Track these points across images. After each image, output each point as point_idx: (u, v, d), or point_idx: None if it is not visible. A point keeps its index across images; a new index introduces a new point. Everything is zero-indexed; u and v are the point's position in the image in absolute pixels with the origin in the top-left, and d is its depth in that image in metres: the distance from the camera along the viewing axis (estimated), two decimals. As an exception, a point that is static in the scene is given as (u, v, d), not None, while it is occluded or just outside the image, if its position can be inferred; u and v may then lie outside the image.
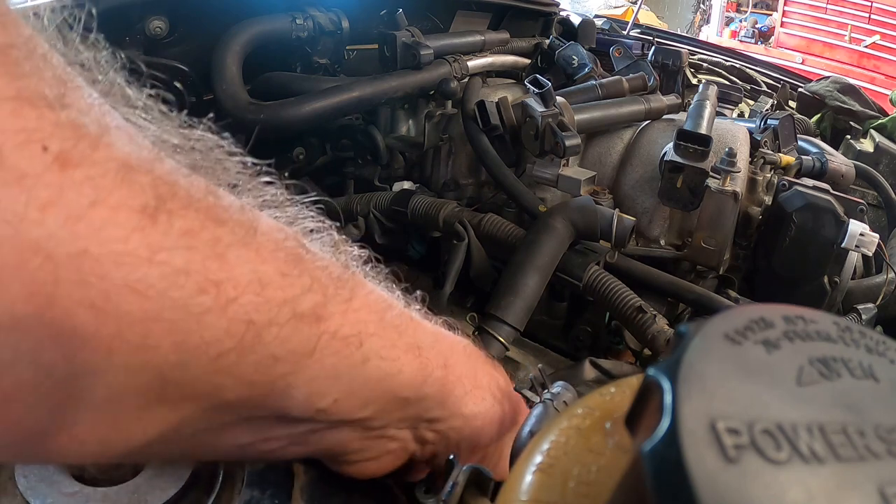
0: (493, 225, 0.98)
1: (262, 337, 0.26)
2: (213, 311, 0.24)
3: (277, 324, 0.26)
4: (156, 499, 0.31)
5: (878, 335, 0.21)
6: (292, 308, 0.27)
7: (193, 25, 0.94)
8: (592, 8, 5.24)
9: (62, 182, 0.21)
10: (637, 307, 0.85)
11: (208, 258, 0.24)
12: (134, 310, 0.23)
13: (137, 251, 0.23)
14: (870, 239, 0.87)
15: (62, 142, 0.22)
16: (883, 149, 1.62)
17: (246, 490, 0.34)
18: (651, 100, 1.11)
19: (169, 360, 0.24)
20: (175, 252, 0.23)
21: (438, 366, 0.35)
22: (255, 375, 0.26)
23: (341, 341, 0.29)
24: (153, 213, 0.23)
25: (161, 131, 0.27)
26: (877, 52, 6.10)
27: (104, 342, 0.22)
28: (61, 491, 0.31)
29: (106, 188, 0.22)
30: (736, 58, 2.36)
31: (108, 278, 0.22)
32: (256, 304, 0.25)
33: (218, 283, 0.24)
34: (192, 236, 0.24)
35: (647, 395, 0.18)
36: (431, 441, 0.39)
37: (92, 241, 0.22)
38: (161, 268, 0.23)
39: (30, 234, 0.21)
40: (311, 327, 0.28)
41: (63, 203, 0.21)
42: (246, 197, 0.29)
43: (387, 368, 0.32)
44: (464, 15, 1.39)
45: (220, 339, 0.25)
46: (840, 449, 0.16)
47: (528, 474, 0.24)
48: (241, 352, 0.25)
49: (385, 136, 1.15)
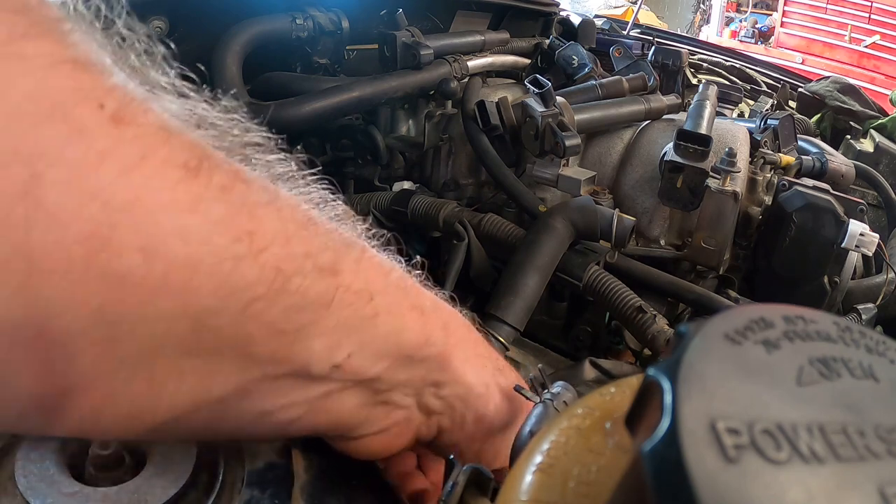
0: (493, 225, 0.98)
1: (289, 286, 0.27)
2: (248, 258, 0.26)
3: (301, 273, 0.28)
4: (156, 499, 0.31)
5: (878, 335, 0.21)
6: (313, 261, 0.29)
7: (193, 25, 0.94)
8: (592, 8, 5.24)
9: (117, 136, 0.23)
10: (637, 307, 0.85)
11: (241, 212, 0.26)
12: (179, 254, 0.24)
13: (182, 200, 0.24)
14: (870, 239, 0.87)
15: (115, 101, 0.24)
16: (883, 149, 1.62)
17: (246, 490, 0.34)
18: (651, 100, 1.11)
19: (206, 305, 0.25)
20: (214, 203, 0.25)
21: (439, 328, 0.37)
22: (282, 323, 0.28)
23: (354, 294, 0.31)
24: (195, 168, 0.25)
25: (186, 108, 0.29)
26: (877, 52, 6.11)
27: (151, 285, 0.24)
28: (61, 491, 0.31)
29: (153, 145, 0.24)
30: (736, 58, 2.36)
31: (157, 224, 0.24)
32: (284, 255, 0.27)
33: (251, 233, 0.26)
34: (227, 191, 0.26)
35: (647, 395, 0.18)
36: (436, 410, 0.39)
37: (143, 190, 0.23)
38: (202, 216, 0.25)
39: (89, 181, 0.22)
40: (329, 280, 0.29)
41: (118, 155, 0.23)
42: (260, 170, 0.31)
43: (393, 324, 0.33)
44: (464, 15, 1.39)
45: (252, 285, 0.26)
46: (840, 449, 0.16)
47: (528, 474, 0.24)
48: (269, 299, 0.27)
49: (385, 136, 1.15)
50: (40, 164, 0.22)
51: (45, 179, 0.22)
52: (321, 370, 0.31)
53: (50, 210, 0.22)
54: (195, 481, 0.33)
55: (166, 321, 0.25)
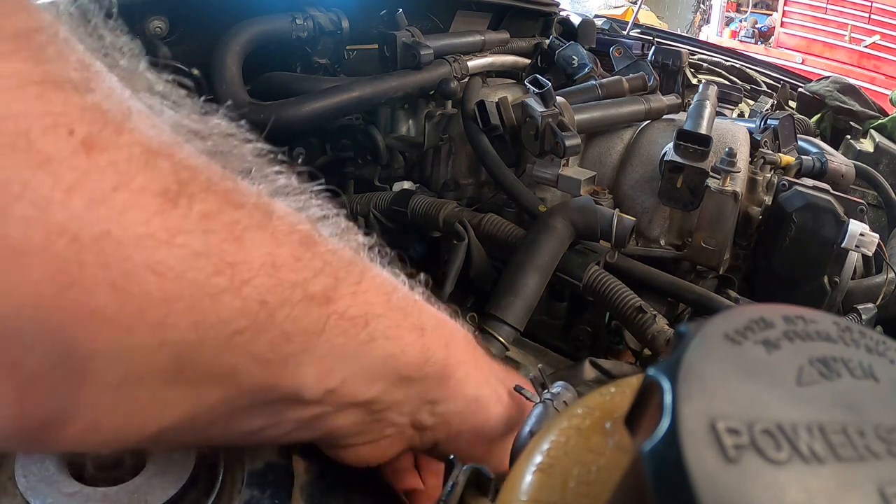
0: (493, 225, 0.98)
1: (275, 316, 0.27)
2: (229, 291, 0.25)
3: (290, 304, 0.27)
4: (156, 499, 0.31)
5: (878, 335, 0.21)
6: (304, 290, 0.28)
7: (193, 25, 0.94)
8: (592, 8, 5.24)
9: (88, 166, 0.22)
10: (637, 307, 0.85)
11: (225, 241, 0.25)
12: (153, 290, 0.23)
13: (158, 234, 0.23)
14: (870, 239, 0.87)
15: (88, 126, 0.22)
16: (883, 149, 1.62)
17: (246, 490, 0.34)
18: (651, 100, 1.11)
19: (186, 339, 0.25)
20: (194, 235, 0.24)
21: (440, 347, 0.36)
22: (268, 354, 0.27)
23: (349, 321, 0.30)
24: (174, 196, 0.24)
25: (180, 116, 0.28)
26: (877, 52, 6.10)
27: (125, 322, 0.23)
28: (61, 491, 0.31)
29: (129, 172, 0.23)
30: (736, 58, 2.36)
31: (129, 260, 0.23)
32: (270, 286, 0.26)
33: (234, 264, 0.25)
34: (211, 219, 0.25)
35: (647, 395, 0.18)
36: (429, 426, 0.39)
37: (115, 224, 0.22)
38: (180, 250, 0.24)
39: (55, 216, 0.21)
40: (321, 308, 0.29)
41: (88, 186, 0.22)
42: (259, 183, 0.30)
43: (391, 348, 0.33)
44: (464, 15, 1.39)
45: (235, 318, 0.25)
46: (840, 449, 0.16)
47: (528, 474, 0.24)
48: (255, 331, 0.26)
49: (385, 136, 1.15)
50: (5, 198, 0.20)
51: (10, 216, 0.21)
52: (314, 396, 0.31)
53: (15, 247, 0.21)
54: (195, 481, 0.33)
55: (144, 354, 0.24)
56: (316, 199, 0.33)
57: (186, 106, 0.29)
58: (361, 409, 0.34)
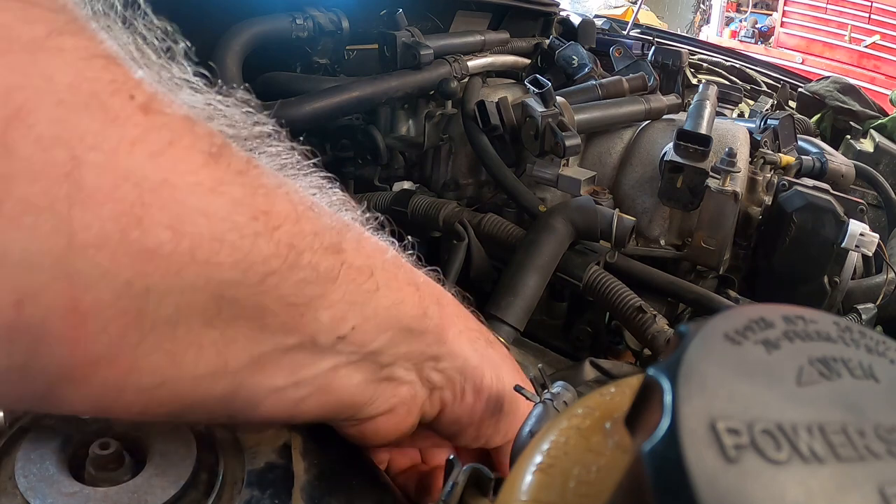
0: (493, 225, 0.98)
1: (300, 261, 0.30)
2: (264, 234, 0.28)
3: (311, 250, 0.30)
4: (156, 499, 0.31)
5: (878, 335, 0.21)
6: (321, 239, 0.31)
7: (193, 25, 0.94)
8: (592, 8, 5.24)
9: (147, 124, 0.25)
10: (637, 307, 0.85)
11: (256, 193, 0.29)
12: (203, 231, 0.26)
13: (206, 182, 0.27)
14: (870, 239, 0.87)
15: (144, 93, 0.26)
16: (883, 149, 1.62)
17: (246, 490, 0.34)
18: (651, 100, 1.11)
19: (227, 278, 0.27)
20: (233, 186, 0.28)
21: (434, 302, 0.39)
22: (292, 296, 0.30)
23: (356, 270, 0.33)
24: (215, 154, 0.27)
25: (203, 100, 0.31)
26: (877, 52, 6.11)
27: (178, 259, 0.26)
28: (61, 491, 0.31)
29: (179, 132, 0.26)
30: (736, 58, 2.36)
31: (184, 203, 0.26)
32: (295, 233, 0.30)
33: (266, 212, 0.28)
34: (243, 175, 0.28)
35: (647, 395, 0.18)
36: (438, 384, 0.41)
37: (171, 173, 0.26)
38: (223, 197, 0.27)
39: (122, 164, 0.24)
40: (335, 257, 0.32)
41: (148, 141, 0.25)
42: (267, 159, 0.33)
43: (393, 297, 0.36)
44: (464, 15, 1.39)
45: (268, 260, 0.28)
46: (840, 449, 0.16)
47: (528, 474, 0.24)
48: (283, 273, 0.29)
49: (385, 136, 1.15)
50: (80, 149, 0.23)
51: (84, 162, 0.24)
52: (327, 341, 0.33)
53: (88, 190, 0.24)
54: (195, 481, 0.33)
55: (190, 293, 0.27)
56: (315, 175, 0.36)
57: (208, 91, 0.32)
58: (370, 364, 0.36)
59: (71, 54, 0.24)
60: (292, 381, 0.33)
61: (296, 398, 0.34)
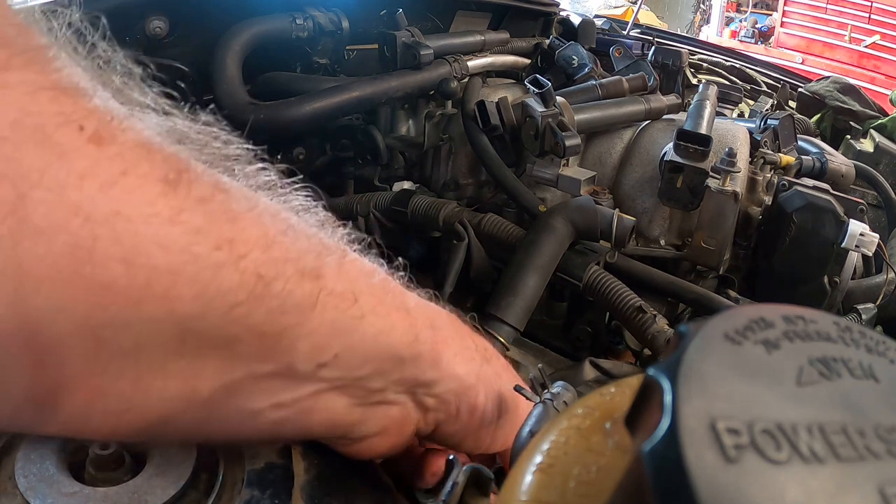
0: (493, 225, 0.98)
1: (270, 289, 0.29)
2: (228, 264, 0.27)
3: (283, 277, 0.29)
4: (156, 499, 0.31)
5: (878, 335, 0.21)
6: (294, 265, 0.30)
7: (193, 25, 0.94)
8: (592, 8, 5.24)
9: (97, 155, 0.25)
10: (637, 307, 0.85)
11: (220, 220, 0.28)
12: (160, 263, 0.26)
13: (163, 212, 0.26)
14: (870, 239, 0.87)
15: (95, 122, 0.25)
16: (883, 149, 1.62)
17: (246, 490, 0.34)
18: (651, 100, 1.11)
19: (189, 310, 0.27)
20: (193, 213, 0.27)
21: (426, 326, 0.38)
22: (264, 326, 0.29)
23: (338, 297, 0.32)
24: (174, 181, 0.26)
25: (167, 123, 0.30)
26: (877, 52, 6.10)
27: (134, 293, 0.25)
28: (61, 491, 0.31)
29: (133, 161, 0.26)
30: (736, 58, 2.36)
31: (138, 235, 0.25)
32: (264, 260, 0.28)
33: (231, 240, 0.27)
34: (206, 202, 0.27)
35: (647, 395, 0.18)
36: (432, 407, 0.40)
37: (124, 204, 0.25)
38: (183, 226, 0.26)
39: (71, 198, 0.24)
40: (312, 283, 0.31)
41: (99, 172, 0.25)
42: (241, 180, 0.32)
43: (380, 325, 0.34)
44: (464, 15, 1.39)
45: (234, 290, 0.27)
46: (840, 449, 0.16)
47: (528, 474, 0.24)
48: (252, 303, 0.28)
49: (385, 136, 1.15)
50: (25, 185, 0.23)
51: (30, 199, 0.23)
52: (306, 369, 0.32)
53: (36, 226, 0.23)
54: (195, 481, 0.33)
55: (150, 325, 0.26)
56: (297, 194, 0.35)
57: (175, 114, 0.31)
58: (357, 389, 0.35)
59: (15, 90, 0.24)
60: (270, 404, 0.32)
61: (275, 420, 0.33)
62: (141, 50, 0.87)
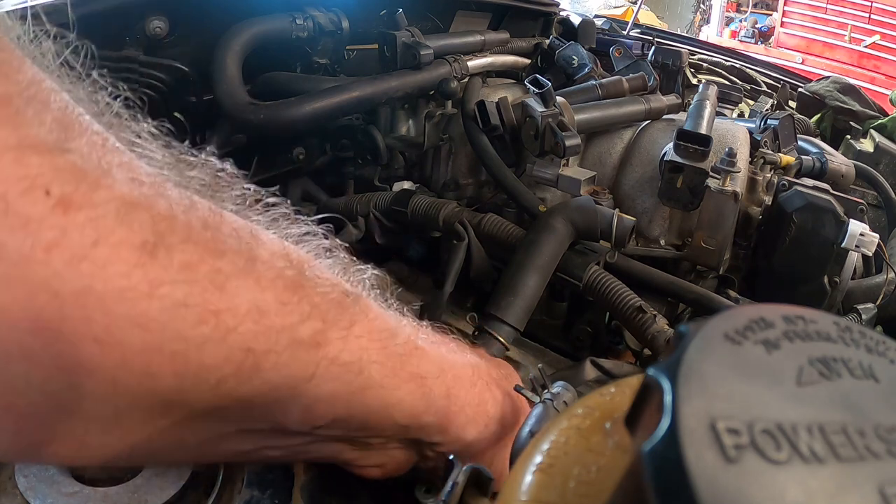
0: (493, 225, 0.98)
1: (261, 364, 0.26)
2: (213, 340, 0.25)
3: (276, 351, 0.27)
4: (156, 499, 0.31)
5: (878, 335, 0.21)
6: (290, 335, 0.27)
7: (193, 25, 0.94)
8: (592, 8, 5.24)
9: (65, 224, 0.22)
10: (637, 307, 0.85)
11: (207, 290, 0.25)
12: (136, 342, 0.24)
13: (139, 286, 0.24)
14: (870, 239, 0.87)
15: (64, 185, 0.23)
16: (883, 149, 1.62)
17: (246, 490, 0.34)
18: (651, 100, 1.11)
19: (170, 387, 0.25)
20: (175, 286, 0.25)
21: (441, 395, 0.36)
22: (254, 398, 0.27)
23: (341, 367, 0.29)
24: (153, 248, 0.24)
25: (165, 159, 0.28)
26: (877, 52, 6.10)
27: (109, 372, 0.23)
28: (61, 491, 0.31)
29: (107, 227, 0.23)
30: (736, 58, 2.36)
31: (111, 313, 0.23)
32: (255, 333, 0.26)
33: (217, 312, 0.25)
34: (192, 269, 0.25)
35: (647, 395, 0.18)
36: (432, 458, 0.39)
37: (95, 279, 0.23)
38: (162, 301, 0.24)
39: (36, 274, 0.22)
40: (310, 353, 0.28)
41: (67, 244, 0.22)
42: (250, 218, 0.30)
43: (386, 397, 0.32)
44: (464, 15, 1.39)
45: (219, 366, 0.25)
46: (840, 449, 0.16)
47: (528, 474, 0.24)
48: (240, 378, 0.26)
49: (385, 136, 1.15)
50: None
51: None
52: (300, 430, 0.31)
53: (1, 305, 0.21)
54: (195, 481, 0.33)
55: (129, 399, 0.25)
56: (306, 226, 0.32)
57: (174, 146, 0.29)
58: (354, 441, 0.34)
59: None
60: (262, 446, 0.31)
61: (266, 456, 0.32)
62: (141, 50, 0.87)
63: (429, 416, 0.35)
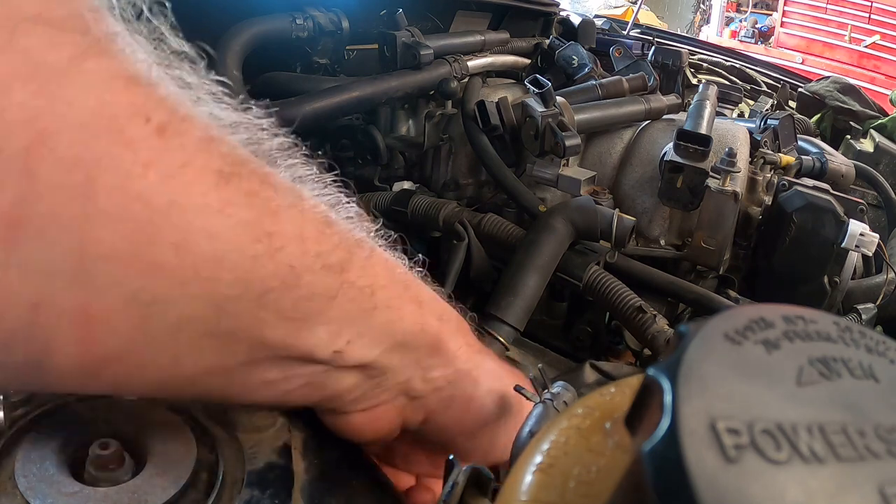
0: (493, 225, 0.98)
1: (300, 280, 0.31)
2: (265, 256, 0.30)
3: (312, 271, 0.32)
4: (156, 499, 0.31)
5: (878, 335, 0.21)
6: (323, 260, 0.33)
7: (193, 25, 0.94)
8: (592, 8, 5.24)
9: (161, 146, 0.27)
10: (637, 307, 0.85)
11: (264, 214, 0.30)
12: (206, 250, 0.28)
13: (213, 204, 0.28)
14: (870, 239, 0.87)
15: (161, 114, 0.27)
16: (883, 149, 1.62)
17: (246, 490, 0.34)
18: (651, 100, 1.11)
19: (227, 294, 0.29)
20: (241, 207, 0.29)
21: (434, 318, 0.41)
22: (290, 312, 0.32)
23: (357, 290, 0.35)
24: (227, 175, 0.29)
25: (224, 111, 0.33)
26: (877, 52, 6.10)
27: (181, 274, 0.28)
28: (61, 491, 0.31)
29: (193, 153, 0.28)
30: (736, 58, 2.36)
31: (190, 224, 0.27)
32: (297, 254, 0.31)
33: (270, 234, 0.30)
34: (254, 196, 0.30)
35: (647, 395, 0.18)
36: (421, 393, 0.41)
37: (181, 195, 0.27)
38: (230, 219, 0.29)
39: (135, 185, 0.26)
40: (336, 276, 0.33)
41: (161, 163, 0.27)
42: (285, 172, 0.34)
43: (391, 316, 0.37)
44: (464, 15, 1.39)
45: (267, 279, 0.30)
46: (840, 449, 0.16)
47: (528, 474, 0.24)
48: (282, 291, 0.31)
49: (385, 136, 1.15)
50: (95, 171, 0.25)
51: (99, 183, 0.25)
52: (322, 355, 0.35)
53: (101, 209, 0.25)
54: (195, 481, 0.33)
55: (192, 305, 0.29)
56: (332, 188, 0.38)
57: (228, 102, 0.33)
58: (361, 372, 0.38)
59: (92, 76, 0.25)
60: (284, 376, 0.35)
61: (286, 389, 0.36)
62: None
63: (424, 335, 0.40)
